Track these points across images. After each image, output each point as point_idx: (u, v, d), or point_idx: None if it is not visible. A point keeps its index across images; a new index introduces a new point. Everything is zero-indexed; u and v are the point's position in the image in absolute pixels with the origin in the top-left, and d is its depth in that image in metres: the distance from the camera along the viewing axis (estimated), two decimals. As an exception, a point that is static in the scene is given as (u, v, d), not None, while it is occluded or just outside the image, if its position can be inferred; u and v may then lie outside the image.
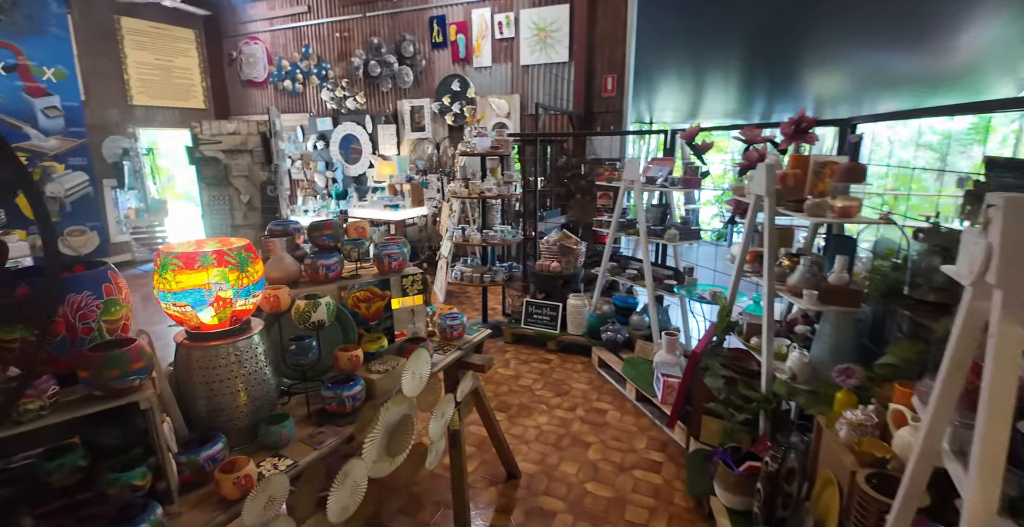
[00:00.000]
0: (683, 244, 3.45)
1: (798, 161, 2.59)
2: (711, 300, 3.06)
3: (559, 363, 3.82)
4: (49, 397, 1.09)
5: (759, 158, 3.06)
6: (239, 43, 7.97)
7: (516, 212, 5.75)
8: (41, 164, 6.32)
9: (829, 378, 2.24)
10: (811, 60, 7.28)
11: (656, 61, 6.40)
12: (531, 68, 5.88)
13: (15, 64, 6.02)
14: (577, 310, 3.93)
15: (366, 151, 7.15)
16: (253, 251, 1.53)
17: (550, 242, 4.25)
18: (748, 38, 6.42)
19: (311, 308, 1.66)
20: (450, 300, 5.40)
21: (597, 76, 5.56)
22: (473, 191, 4.06)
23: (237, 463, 1.33)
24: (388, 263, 2.00)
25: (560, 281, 4.18)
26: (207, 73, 8.11)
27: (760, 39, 6.45)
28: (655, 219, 3.69)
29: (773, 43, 6.58)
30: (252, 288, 1.50)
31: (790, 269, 2.47)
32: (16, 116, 6.08)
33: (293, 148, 7.72)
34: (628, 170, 3.52)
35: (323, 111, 7.46)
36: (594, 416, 3.05)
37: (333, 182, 7.43)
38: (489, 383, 3.49)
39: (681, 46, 6.47)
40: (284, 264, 1.87)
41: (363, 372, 1.80)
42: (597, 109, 5.60)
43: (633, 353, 3.58)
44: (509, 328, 4.21)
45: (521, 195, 5.02)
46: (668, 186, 3.40)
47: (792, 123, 2.83)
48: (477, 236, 4.16)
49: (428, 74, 6.55)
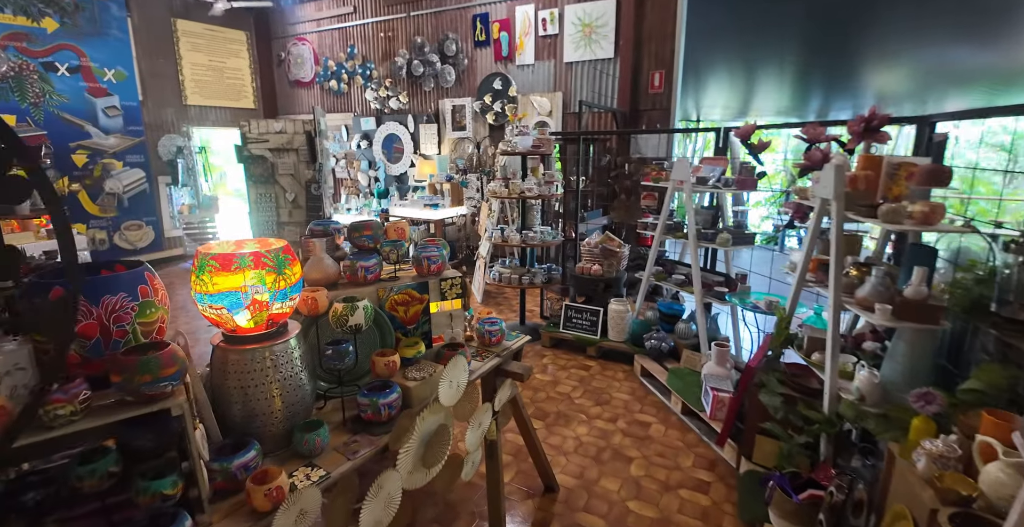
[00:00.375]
0: (735, 249, 3.26)
1: (870, 162, 2.38)
2: (766, 310, 2.87)
3: (599, 370, 3.69)
4: (81, 402, 1.06)
5: (823, 158, 2.85)
6: (287, 44, 8.15)
7: (556, 213, 5.63)
8: (101, 161, 6.62)
9: (902, 401, 2.04)
10: (871, 55, 6.86)
11: (705, 56, 6.14)
12: (575, 65, 5.74)
13: (79, 65, 6.32)
14: (619, 315, 3.79)
15: (407, 150, 7.18)
16: (291, 253, 1.48)
17: (592, 244, 4.11)
18: (803, 32, 6.08)
19: (348, 311, 1.60)
20: (487, 301, 5.33)
21: (644, 72, 5.37)
22: (513, 191, 3.97)
23: (269, 474, 1.28)
24: (427, 265, 1.93)
25: (601, 285, 4.04)
26: (257, 74, 8.32)
27: (816, 33, 6.11)
28: (705, 222, 3.50)
29: (830, 37, 6.23)
30: (289, 291, 1.45)
31: (859, 280, 2.27)
32: (79, 115, 6.38)
33: (338, 147, 7.83)
34: (678, 169, 3.35)
35: (367, 111, 7.54)
36: (637, 429, 2.91)
37: (375, 181, 7.49)
38: (526, 388, 3.39)
39: (732, 40, 6.19)
40: (323, 265, 1.82)
41: (399, 378, 1.73)
42: (643, 106, 5.41)
43: (679, 363, 3.41)
44: (547, 332, 4.11)
45: (562, 195, 4.90)
46: (721, 187, 3.21)
47: (862, 120, 2.61)
48: (516, 237, 4.07)
49: (470, 73, 6.50)
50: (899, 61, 6.80)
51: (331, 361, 1.57)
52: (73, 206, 6.44)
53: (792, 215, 3.05)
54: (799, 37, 6.24)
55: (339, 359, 1.57)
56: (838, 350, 2.21)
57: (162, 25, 7.22)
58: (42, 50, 6.06)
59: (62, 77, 6.23)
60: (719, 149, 3.72)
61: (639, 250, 5.21)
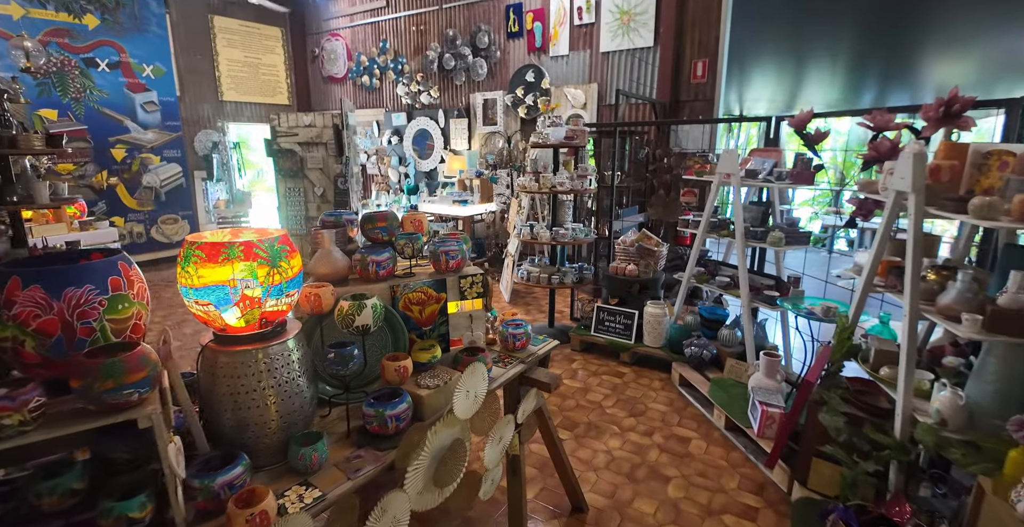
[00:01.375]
0: (787, 249, 2.97)
1: (953, 150, 2.07)
2: (823, 317, 2.58)
3: (633, 378, 3.45)
4: (32, 410, 0.91)
5: (891, 149, 2.54)
6: (321, 40, 8.14)
7: (589, 210, 5.39)
8: (139, 156, 6.73)
9: (993, 428, 1.75)
10: (932, 43, 6.35)
11: (752, 45, 5.78)
12: (611, 55, 5.48)
13: (118, 61, 6.43)
14: (656, 319, 3.53)
15: (438, 146, 7.05)
16: (289, 244, 1.31)
17: (627, 243, 3.87)
18: (858, 18, 5.66)
19: (355, 310, 1.43)
20: (515, 300, 5.14)
21: (686, 61, 5.07)
22: (544, 185, 3.76)
23: (256, 495, 1.11)
24: (445, 261, 1.75)
25: (636, 286, 3.79)
26: (291, 69, 8.36)
27: (872, 19, 5.67)
28: (754, 219, 3.21)
29: (888, 23, 5.78)
30: (285, 286, 1.29)
31: (938, 285, 1.98)
32: (118, 110, 6.49)
33: (369, 143, 7.77)
34: (724, 161, 3.08)
35: (398, 106, 7.45)
36: (675, 444, 2.66)
37: (405, 177, 7.40)
38: (554, 395, 3.18)
39: (781, 27, 5.81)
40: (332, 259, 1.66)
41: (411, 386, 1.55)
42: (684, 97, 5.11)
43: (722, 373, 3.14)
44: (578, 334, 3.88)
45: (596, 191, 4.66)
46: (773, 181, 2.93)
47: (941, 104, 2.29)
48: (546, 234, 3.86)
49: (502, 65, 6.32)
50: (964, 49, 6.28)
51: (333, 366, 1.40)
52: (111, 200, 6.56)
53: (855, 212, 2.75)
54: (854, 23, 5.81)
55: (342, 364, 1.40)
56: (914, 365, 1.92)
57: (199, 21, 7.30)
58: (83, 46, 6.18)
59: (102, 73, 6.34)
60: (769, 140, 3.42)
61: (678, 250, 4.92)
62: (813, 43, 6.25)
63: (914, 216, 1.92)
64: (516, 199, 5.28)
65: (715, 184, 3.24)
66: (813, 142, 3.07)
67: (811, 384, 2.17)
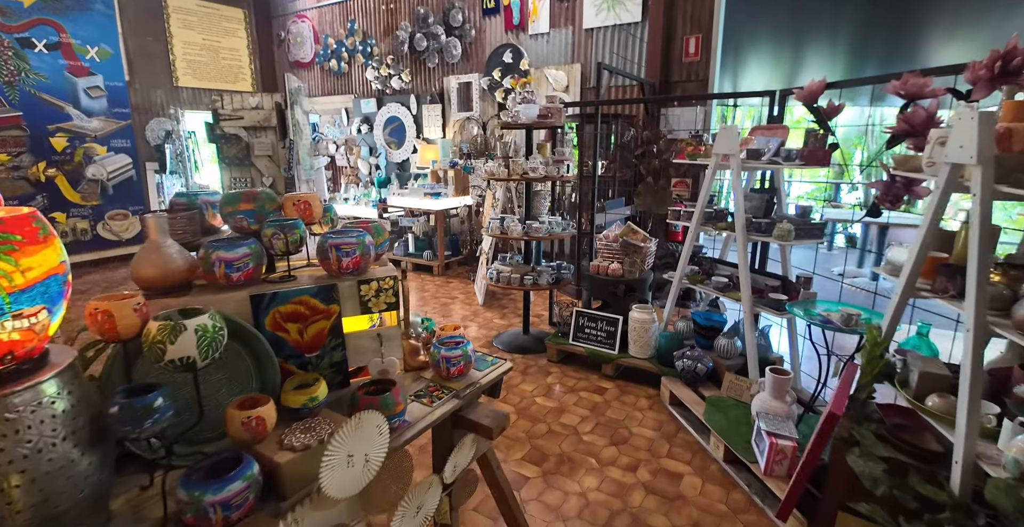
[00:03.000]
0: (797, 244, 2.48)
1: (1023, 111, 1.59)
2: (843, 327, 2.10)
3: (616, 395, 2.96)
4: None
5: (927, 120, 2.07)
6: (287, 22, 7.58)
7: (572, 203, 4.89)
8: (83, 145, 6.14)
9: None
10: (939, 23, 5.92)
11: (748, 22, 5.30)
12: (595, 32, 4.98)
13: (58, 42, 5.84)
14: (642, 326, 3.04)
15: (410, 134, 6.52)
16: (24, 231, 0.80)
17: (610, 238, 3.37)
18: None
19: (167, 336, 0.92)
20: (490, 303, 4.64)
21: (677, 37, 4.58)
22: (514, 172, 3.26)
23: None
24: (337, 260, 1.24)
25: (621, 287, 3.30)
26: (256, 54, 7.78)
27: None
28: (756, 209, 2.73)
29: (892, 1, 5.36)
30: (9, 302, 0.78)
31: (1008, 289, 1.50)
32: (58, 96, 5.91)
33: (338, 132, 7.23)
34: (723, 140, 2.59)
35: (368, 92, 6.91)
36: (663, 483, 2.17)
37: (376, 168, 6.86)
38: (523, 418, 2.69)
39: (778, 4, 5.34)
40: (163, 256, 1.15)
41: (268, 446, 1.04)
42: (676, 77, 4.63)
43: (719, 390, 2.65)
44: (554, 343, 3.39)
45: (577, 180, 4.17)
46: (781, 162, 2.44)
47: (996, 59, 1.80)
48: (518, 228, 3.36)
49: (478, 45, 5.79)
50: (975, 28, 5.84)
51: (121, 424, 0.89)
52: (52, 193, 5.98)
53: (880, 197, 2.27)
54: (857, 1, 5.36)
55: (134, 422, 0.89)
56: (979, 397, 1.44)
57: (151, 0, 6.72)
58: (17, 25, 5.59)
59: (39, 54, 5.75)
60: (773, 118, 2.94)
61: (668, 246, 4.43)
62: (812, 23, 5.78)
63: (981, 196, 1.44)
64: (491, 190, 4.77)
65: (711, 167, 2.75)
66: (827, 117, 2.59)
67: (836, 418, 1.68)
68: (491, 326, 4.06)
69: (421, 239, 5.79)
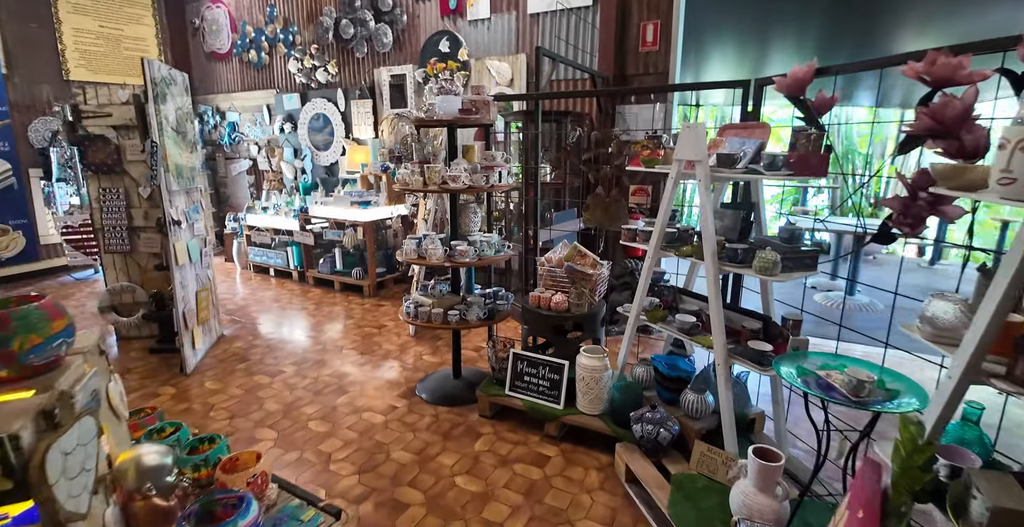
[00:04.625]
0: (782, 279, 1.88)
1: None
2: (854, 398, 1.50)
3: (561, 467, 2.32)
4: None
5: (962, 116, 1.50)
6: (202, 8, 6.71)
7: (518, 215, 4.25)
8: (-58, 149, 5.17)
9: None
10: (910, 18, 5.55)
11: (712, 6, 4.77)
12: (541, 17, 4.36)
13: (-100, 24, 4.86)
14: (592, 375, 2.42)
15: (338, 134, 5.76)
16: None
17: (552, 262, 2.74)
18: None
19: None
20: (424, 333, 3.96)
21: (633, 24, 4.00)
22: (431, 180, 2.60)
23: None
24: None
25: (570, 323, 2.68)
26: (166, 45, 6.86)
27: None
28: (728, 230, 2.14)
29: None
30: None
31: None
32: (-96, 89, 4.93)
33: (259, 132, 6.41)
34: (685, 143, 1.99)
35: (291, 86, 6.12)
36: None
37: (302, 173, 6.08)
38: (434, 512, 2.02)
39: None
40: None
41: None
42: (632, 70, 4.04)
43: (687, 463, 2.05)
44: (487, 394, 2.73)
45: (520, 189, 3.54)
46: (762, 171, 1.85)
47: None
48: (439, 251, 2.69)
49: (411, 32, 5.10)
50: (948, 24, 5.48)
51: None
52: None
53: (895, 220, 1.69)
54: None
55: None
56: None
57: (31, -21, 5.76)
58: None
59: None
60: (747, 114, 2.36)
61: (628, 264, 3.84)
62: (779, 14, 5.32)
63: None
64: (424, 200, 4.09)
65: (672, 176, 2.15)
66: (818, 112, 2.02)
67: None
68: (418, 366, 3.38)
69: (351, 254, 5.06)
